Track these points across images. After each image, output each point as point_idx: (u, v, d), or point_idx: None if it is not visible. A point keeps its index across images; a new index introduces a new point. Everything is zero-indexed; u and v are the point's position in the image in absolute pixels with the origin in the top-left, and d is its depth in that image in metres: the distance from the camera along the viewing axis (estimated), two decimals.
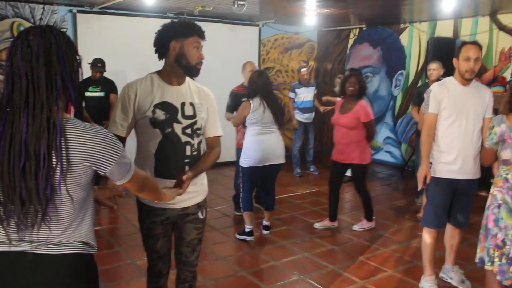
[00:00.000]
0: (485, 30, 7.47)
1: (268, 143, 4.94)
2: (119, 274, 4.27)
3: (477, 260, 3.33)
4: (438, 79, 6.16)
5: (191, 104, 2.66)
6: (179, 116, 2.60)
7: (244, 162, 5.03)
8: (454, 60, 3.69)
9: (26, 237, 1.68)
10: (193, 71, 2.63)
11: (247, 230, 5.17)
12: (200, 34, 2.62)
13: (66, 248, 1.73)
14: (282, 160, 5.09)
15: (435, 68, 6.09)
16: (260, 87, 4.90)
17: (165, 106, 2.58)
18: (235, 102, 5.58)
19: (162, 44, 2.63)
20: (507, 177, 3.14)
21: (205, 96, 2.76)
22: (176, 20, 2.68)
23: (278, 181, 7.39)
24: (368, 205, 5.54)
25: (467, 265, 4.44)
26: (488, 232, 3.22)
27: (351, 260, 4.67)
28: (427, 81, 6.22)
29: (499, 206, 3.16)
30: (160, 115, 2.56)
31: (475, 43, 3.64)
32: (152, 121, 2.56)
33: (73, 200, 1.69)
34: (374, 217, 5.62)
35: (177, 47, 2.58)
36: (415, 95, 6.28)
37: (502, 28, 7.26)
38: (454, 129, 3.67)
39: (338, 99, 5.89)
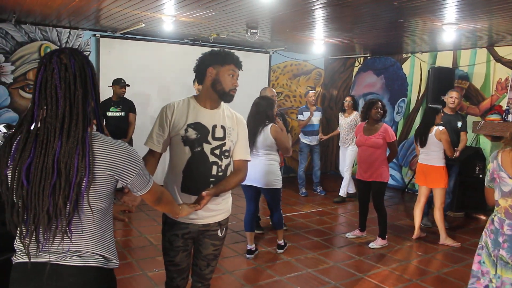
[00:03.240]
0: (483, 61, 7.46)
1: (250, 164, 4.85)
2: (131, 285, 4.23)
3: None
4: (455, 109, 6.19)
5: (222, 127, 2.67)
6: (209, 137, 2.62)
7: None
8: None
9: (49, 249, 1.68)
10: (226, 97, 2.66)
11: (247, 248, 5.13)
12: (237, 63, 2.66)
13: (88, 261, 1.72)
14: (261, 185, 4.87)
15: (456, 96, 6.10)
16: (249, 113, 4.83)
17: (197, 126, 2.61)
18: None
19: (200, 70, 2.68)
20: (494, 219, 2.80)
21: (237, 121, 2.78)
22: (216, 49, 2.73)
23: (284, 200, 7.38)
24: (384, 223, 5.53)
25: (463, 284, 4.37)
26: (473, 274, 2.93)
27: (353, 277, 4.61)
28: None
29: (482, 248, 2.86)
30: (192, 134, 2.59)
31: None
32: (184, 139, 2.59)
33: (96, 210, 1.70)
34: (387, 236, 5.61)
35: (213, 73, 2.62)
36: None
37: (499, 59, 7.25)
38: None
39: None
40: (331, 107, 10.41)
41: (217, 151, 2.64)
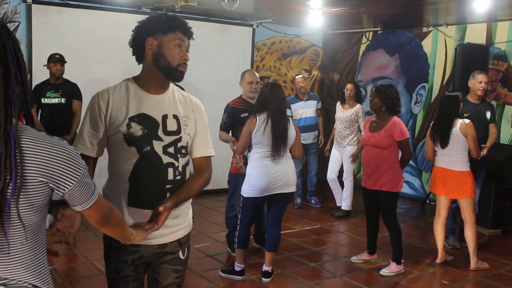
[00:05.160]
0: None
1: (273, 168, 4.93)
2: None
3: None
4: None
5: (175, 116, 2.63)
6: (160, 132, 2.57)
7: (246, 191, 5.06)
8: None
9: None
10: (174, 74, 2.59)
11: (237, 269, 5.17)
12: (184, 30, 2.59)
13: None
14: (292, 189, 5.10)
15: (486, 81, 6.11)
16: (271, 103, 4.92)
17: (142, 119, 2.55)
18: (232, 118, 5.60)
19: (137, 43, 2.61)
20: None
21: (193, 107, 2.74)
22: (159, 14, 2.65)
23: None
24: (398, 243, 5.53)
25: None
26: None
27: None
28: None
29: None
30: (137, 130, 2.53)
31: None
32: (127, 137, 2.53)
33: (25, 225, 1.65)
34: (403, 260, 5.59)
35: (154, 45, 2.55)
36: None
37: None
38: None
39: None
40: (332, 96, 10.41)
41: (171, 149, 2.59)
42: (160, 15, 2.62)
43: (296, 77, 8.23)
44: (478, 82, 6.14)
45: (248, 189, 5.02)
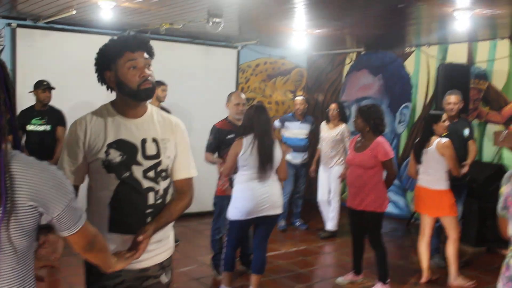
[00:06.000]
0: (505, 55, 7.61)
1: (260, 190, 4.93)
2: None
3: None
4: (458, 114, 6.25)
5: (154, 140, 2.62)
6: (139, 157, 2.56)
7: (232, 213, 5.04)
8: None
9: None
10: (139, 94, 2.56)
11: None
12: (132, 48, 2.54)
13: None
14: (278, 211, 5.10)
15: (455, 101, 6.15)
16: (257, 125, 4.93)
17: (121, 145, 2.54)
18: (219, 140, 5.60)
19: (102, 80, 2.66)
20: (509, 263, 2.60)
21: (173, 128, 2.71)
22: (104, 45, 2.62)
23: None
24: (384, 263, 5.52)
25: None
26: None
27: None
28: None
29: None
30: (115, 156, 2.52)
31: None
32: (106, 164, 2.52)
33: (16, 249, 1.67)
34: (389, 280, 5.57)
35: (112, 76, 2.57)
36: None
37: None
38: None
39: None
40: (317, 116, 10.41)
41: (151, 173, 2.58)
42: (106, 44, 2.61)
43: (296, 98, 8.27)
44: (447, 103, 6.22)
45: (235, 211, 5.02)
